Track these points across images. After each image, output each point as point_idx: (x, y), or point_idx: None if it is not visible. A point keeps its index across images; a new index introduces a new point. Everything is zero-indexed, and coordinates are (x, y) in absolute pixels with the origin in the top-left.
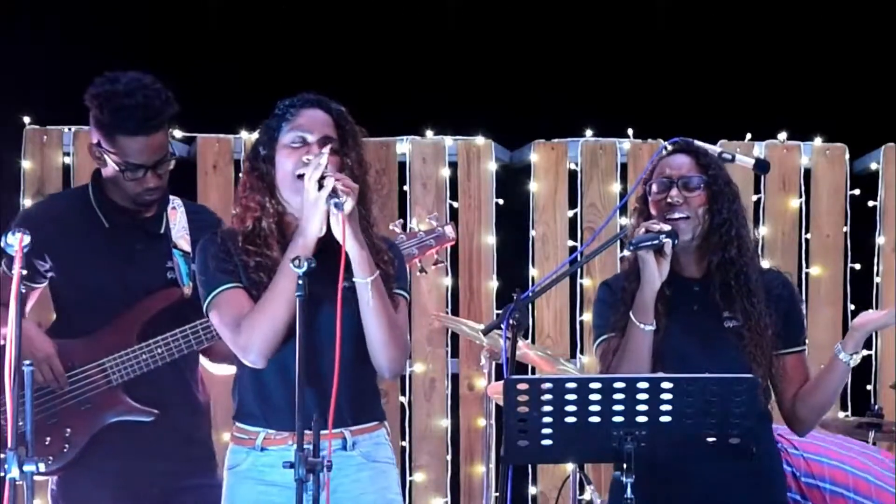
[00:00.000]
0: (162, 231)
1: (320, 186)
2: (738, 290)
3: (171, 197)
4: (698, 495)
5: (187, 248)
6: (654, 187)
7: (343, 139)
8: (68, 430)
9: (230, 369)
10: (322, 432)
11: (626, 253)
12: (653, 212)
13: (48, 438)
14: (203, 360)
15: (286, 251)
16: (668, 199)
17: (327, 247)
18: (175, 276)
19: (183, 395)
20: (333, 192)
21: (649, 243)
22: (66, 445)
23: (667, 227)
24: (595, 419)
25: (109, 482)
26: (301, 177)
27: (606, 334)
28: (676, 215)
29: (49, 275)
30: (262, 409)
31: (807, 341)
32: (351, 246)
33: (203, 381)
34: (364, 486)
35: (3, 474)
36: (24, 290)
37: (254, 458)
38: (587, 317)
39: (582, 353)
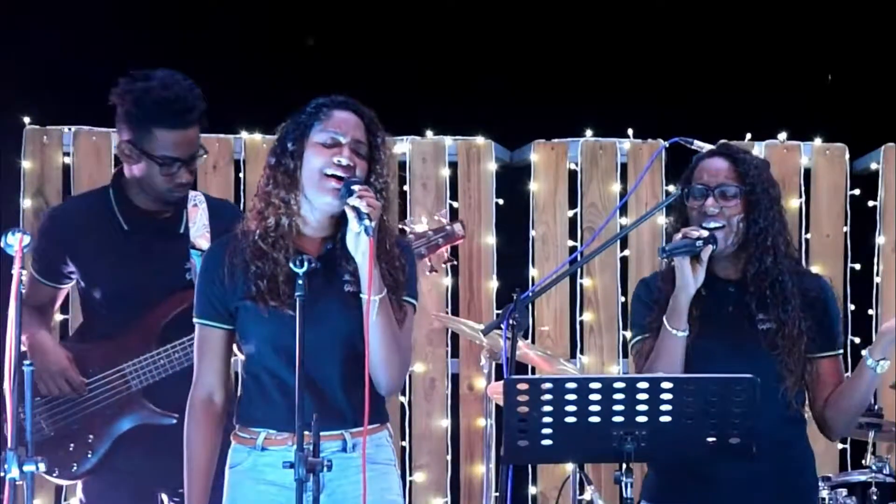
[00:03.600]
0: (181, 231)
1: (349, 193)
2: (774, 298)
3: (193, 193)
4: (728, 497)
5: (206, 246)
6: (692, 193)
7: (372, 144)
8: (91, 436)
9: None
10: (321, 433)
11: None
12: (690, 216)
13: (72, 445)
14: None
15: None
16: (704, 209)
17: (332, 249)
18: (192, 276)
19: None
20: (358, 212)
21: (685, 250)
22: (89, 451)
23: (705, 233)
24: (595, 419)
25: (129, 483)
26: (328, 176)
27: (641, 335)
28: (712, 225)
29: (73, 276)
30: (262, 411)
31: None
32: (365, 265)
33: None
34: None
35: (2, 474)
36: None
37: (255, 458)
38: (587, 317)
39: (582, 353)
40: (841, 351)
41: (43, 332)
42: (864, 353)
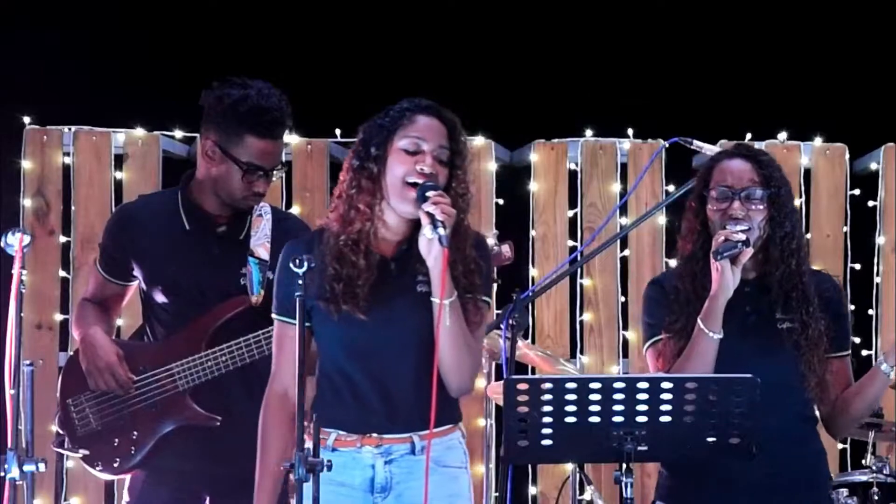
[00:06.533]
0: (241, 237)
1: (424, 199)
2: (798, 300)
3: (261, 204)
4: (742, 496)
5: (265, 256)
6: (714, 194)
7: (454, 150)
8: (135, 433)
9: None
10: (390, 436)
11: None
12: (711, 217)
13: (116, 440)
14: None
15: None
16: (731, 213)
17: (408, 251)
18: (247, 283)
19: (249, 401)
20: (433, 218)
21: (731, 252)
22: (133, 448)
23: (742, 236)
24: (595, 419)
25: (172, 483)
26: (409, 184)
27: (661, 335)
28: (738, 228)
29: (137, 276)
30: (333, 412)
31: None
32: (436, 269)
33: None
34: (432, 491)
35: (2, 474)
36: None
37: (326, 458)
38: (587, 317)
39: (582, 353)
40: (850, 352)
41: (96, 328)
42: (879, 358)
